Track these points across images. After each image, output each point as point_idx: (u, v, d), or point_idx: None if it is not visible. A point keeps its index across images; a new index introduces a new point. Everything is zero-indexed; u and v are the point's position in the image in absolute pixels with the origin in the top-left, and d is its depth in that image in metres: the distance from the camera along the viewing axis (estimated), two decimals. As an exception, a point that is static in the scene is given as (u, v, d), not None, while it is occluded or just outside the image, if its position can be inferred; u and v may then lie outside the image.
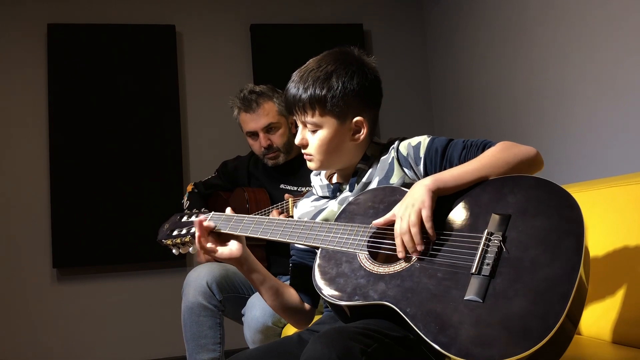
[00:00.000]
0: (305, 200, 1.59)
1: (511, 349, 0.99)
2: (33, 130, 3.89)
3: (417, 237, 1.19)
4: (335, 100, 1.40)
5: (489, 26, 3.61)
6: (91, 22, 3.99)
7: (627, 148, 2.56)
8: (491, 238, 1.14)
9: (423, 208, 1.20)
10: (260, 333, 2.19)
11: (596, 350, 1.45)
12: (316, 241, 1.33)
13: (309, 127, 1.44)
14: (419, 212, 1.19)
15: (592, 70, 2.75)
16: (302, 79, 1.43)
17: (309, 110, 1.42)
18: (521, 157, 1.27)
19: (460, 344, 1.02)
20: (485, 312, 1.05)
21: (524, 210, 1.15)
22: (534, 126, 3.21)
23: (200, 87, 4.14)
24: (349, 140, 1.44)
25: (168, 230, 1.56)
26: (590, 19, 2.74)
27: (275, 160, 2.50)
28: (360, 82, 1.41)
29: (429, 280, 1.15)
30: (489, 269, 1.10)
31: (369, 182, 1.44)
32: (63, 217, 3.80)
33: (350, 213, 1.36)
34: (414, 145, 1.41)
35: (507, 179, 1.22)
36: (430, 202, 1.20)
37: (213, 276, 2.27)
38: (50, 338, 3.78)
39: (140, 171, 3.94)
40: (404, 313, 1.11)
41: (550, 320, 1.00)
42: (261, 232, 1.40)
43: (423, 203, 1.20)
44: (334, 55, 1.46)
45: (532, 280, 1.06)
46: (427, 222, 1.19)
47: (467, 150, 1.33)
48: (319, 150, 1.44)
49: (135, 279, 3.94)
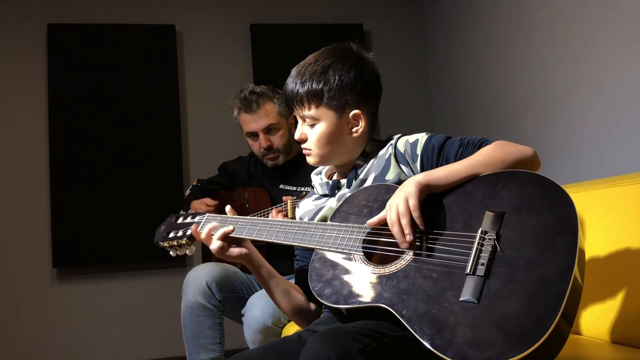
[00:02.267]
0: (307, 200, 1.60)
1: (507, 350, 0.99)
2: (33, 130, 3.89)
3: (407, 228, 1.18)
4: (332, 93, 1.40)
5: (489, 26, 3.61)
6: (91, 22, 3.99)
7: (626, 148, 2.56)
8: (485, 237, 1.13)
9: (410, 197, 1.19)
10: (260, 333, 2.19)
11: (595, 350, 1.45)
12: (311, 242, 1.33)
13: (307, 121, 1.45)
14: (406, 202, 1.19)
15: (592, 70, 2.75)
16: (300, 74, 1.44)
17: (306, 103, 1.43)
18: (517, 156, 1.26)
19: (457, 347, 1.02)
20: (480, 313, 1.05)
21: (518, 207, 1.15)
22: (533, 126, 3.21)
23: (200, 87, 4.14)
24: (347, 133, 1.45)
25: (164, 232, 1.56)
26: (588, 19, 2.74)
27: (275, 161, 2.50)
28: (357, 75, 1.42)
29: (424, 281, 1.14)
30: (483, 269, 1.09)
31: (366, 178, 1.45)
32: (63, 217, 3.80)
33: (344, 212, 1.36)
34: (412, 142, 1.41)
35: (502, 174, 1.21)
36: (416, 192, 1.19)
37: (213, 276, 2.27)
38: (50, 338, 3.78)
39: (140, 171, 3.94)
40: (399, 315, 1.11)
41: (546, 321, 0.99)
42: (257, 234, 1.41)
43: (409, 193, 1.19)
44: (332, 50, 1.47)
45: (527, 280, 1.05)
46: (415, 212, 1.18)
47: (464, 148, 1.33)
48: (318, 144, 1.44)
49: (135, 279, 3.94)
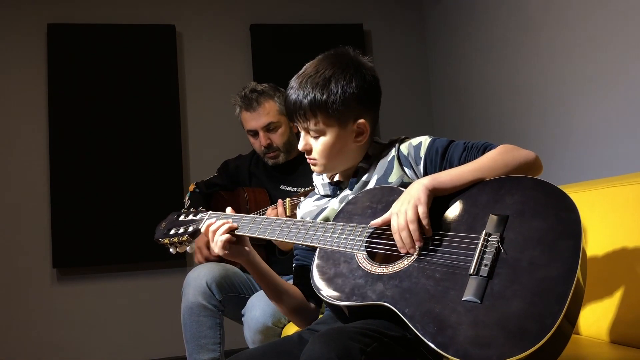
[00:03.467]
0: (308, 200, 1.60)
1: (509, 349, 0.99)
2: (33, 130, 3.88)
3: (416, 234, 1.19)
4: (335, 106, 1.39)
5: (489, 26, 3.61)
6: (91, 22, 3.98)
7: (627, 148, 2.56)
8: (489, 239, 1.14)
9: (419, 204, 1.20)
10: (260, 333, 2.18)
11: (595, 350, 1.46)
12: (314, 241, 1.33)
13: (311, 134, 1.44)
14: (415, 208, 1.20)
15: (592, 70, 2.75)
16: (301, 86, 1.42)
17: (310, 117, 1.41)
18: (520, 160, 1.26)
19: (458, 345, 1.02)
20: (483, 312, 1.05)
21: (521, 211, 1.16)
22: (534, 126, 3.21)
23: (200, 87, 4.14)
24: (351, 142, 1.45)
25: (165, 229, 1.56)
26: (590, 19, 2.74)
27: (275, 160, 2.49)
28: (359, 85, 1.41)
29: (427, 280, 1.15)
30: (487, 269, 1.10)
31: (368, 180, 1.45)
32: (63, 217, 3.80)
33: (348, 213, 1.37)
34: (415, 145, 1.42)
35: (506, 180, 1.23)
36: (426, 199, 1.20)
37: (213, 276, 2.27)
38: (50, 338, 3.78)
39: (140, 171, 3.94)
40: (402, 313, 1.12)
41: (548, 321, 1.00)
42: (259, 232, 1.41)
43: (419, 199, 1.20)
44: (331, 58, 1.45)
45: (530, 281, 1.06)
46: (424, 219, 1.19)
47: (468, 152, 1.33)
48: (323, 155, 1.44)
49: (135, 279, 3.93)
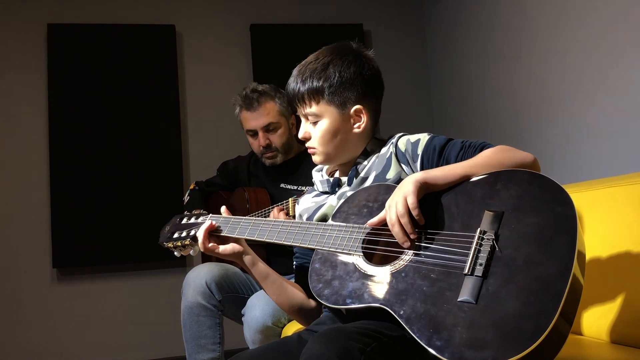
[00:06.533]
0: (306, 196, 1.60)
1: (505, 351, 0.98)
2: (33, 130, 3.89)
3: (408, 227, 1.18)
4: (333, 89, 1.42)
5: (489, 26, 3.61)
6: (91, 22, 3.99)
7: (627, 148, 2.56)
8: (484, 237, 1.13)
9: (408, 195, 1.19)
10: (260, 333, 2.18)
11: (595, 350, 1.45)
12: (311, 243, 1.33)
13: (310, 119, 1.47)
14: (404, 200, 1.19)
15: (592, 70, 2.75)
16: (301, 72, 1.46)
17: (308, 101, 1.45)
18: (516, 160, 1.25)
19: (454, 347, 1.02)
20: (478, 313, 1.05)
21: (517, 206, 1.14)
22: (533, 126, 3.21)
23: (200, 87, 4.14)
24: (350, 129, 1.46)
25: (169, 233, 1.58)
26: (590, 19, 2.74)
27: (273, 160, 2.50)
28: (357, 71, 1.44)
29: (422, 281, 1.14)
30: (481, 269, 1.09)
31: (367, 177, 1.45)
32: (63, 217, 3.80)
33: (345, 213, 1.37)
34: (413, 141, 1.41)
35: (501, 174, 1.21)
36: (414, 189, 1.19)
37: (212, 276, 2.27)
38: (50, 338, 3.78)
39: (140, 171, 3.94)
40: (397, 316, 1.11)
41: (544, 321, 0.99)
42: (258, 235, 1.41)
43: (407, 191, 1.19)
44: (332, 48, 1.49)
45: (525, 280, 1.05)
46: (414, 210, 1.18)
47: (465, 150, 1.33)
48: (321, 141, 1.45)
49: (135, 279, 3.94)
